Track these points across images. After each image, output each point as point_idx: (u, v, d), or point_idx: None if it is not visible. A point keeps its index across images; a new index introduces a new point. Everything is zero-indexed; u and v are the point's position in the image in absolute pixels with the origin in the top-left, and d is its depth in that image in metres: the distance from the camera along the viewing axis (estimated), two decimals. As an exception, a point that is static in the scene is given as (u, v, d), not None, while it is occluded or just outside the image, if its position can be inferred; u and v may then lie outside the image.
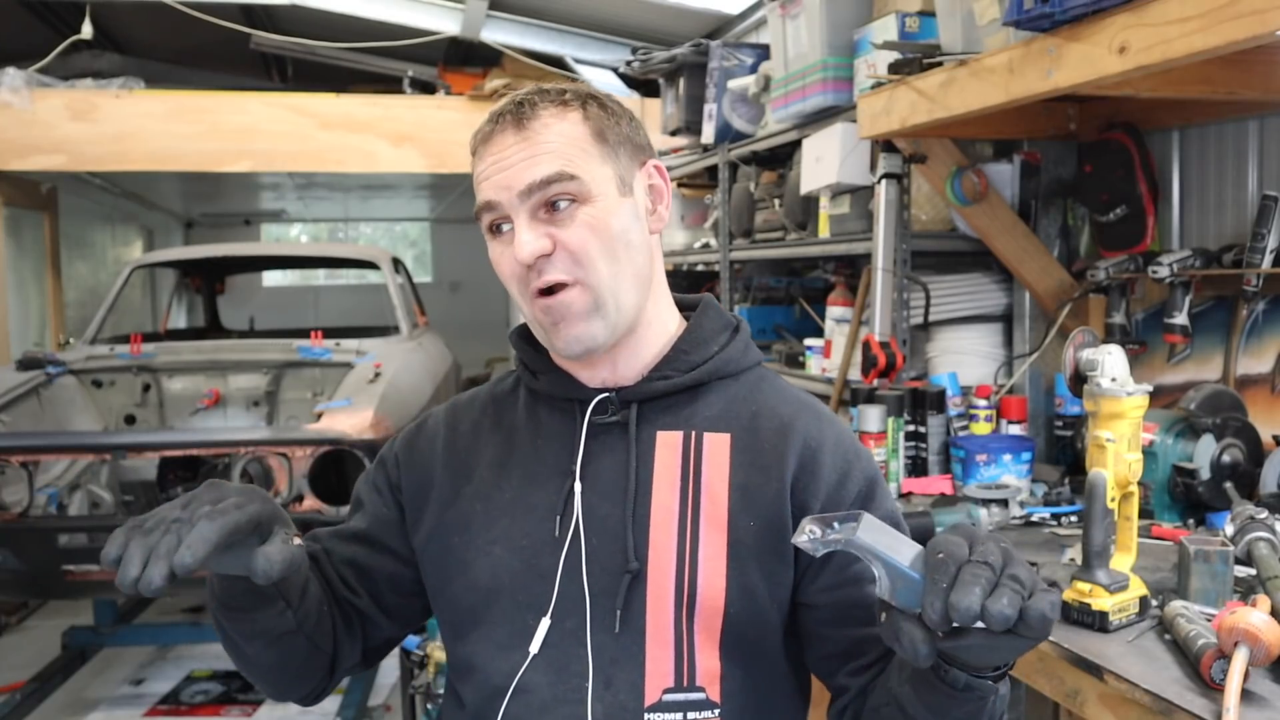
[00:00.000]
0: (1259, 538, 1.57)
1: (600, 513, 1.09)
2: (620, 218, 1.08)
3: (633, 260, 1.09)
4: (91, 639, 4.15)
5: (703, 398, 1.14)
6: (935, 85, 2.07)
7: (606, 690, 1.05)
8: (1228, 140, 2.26)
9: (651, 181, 1.14)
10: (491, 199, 1.07)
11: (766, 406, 1.14)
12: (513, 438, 1.17)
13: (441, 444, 1.20)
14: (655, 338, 1.15)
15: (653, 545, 1.07)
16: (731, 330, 1.19)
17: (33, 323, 6.27)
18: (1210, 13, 1.37)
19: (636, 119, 1.16)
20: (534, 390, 1.18)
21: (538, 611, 1.08)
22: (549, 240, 1.05)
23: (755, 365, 1.20)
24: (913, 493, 2.34)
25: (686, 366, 1.14)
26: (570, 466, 1.11)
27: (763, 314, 3.84)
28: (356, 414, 3.54)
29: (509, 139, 1.06)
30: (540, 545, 1.10)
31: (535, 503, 1.12)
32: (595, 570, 1.07)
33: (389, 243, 12.31)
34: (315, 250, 8.37)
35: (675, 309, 1.20)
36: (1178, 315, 2.17)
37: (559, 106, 1.08)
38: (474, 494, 1.15)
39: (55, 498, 3.80)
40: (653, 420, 1.12)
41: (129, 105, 5.33)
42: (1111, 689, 1.35)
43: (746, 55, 3.65)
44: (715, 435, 1.12)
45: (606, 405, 1.13)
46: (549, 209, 1.05)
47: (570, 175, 1.05)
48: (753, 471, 1.10)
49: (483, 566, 1.12)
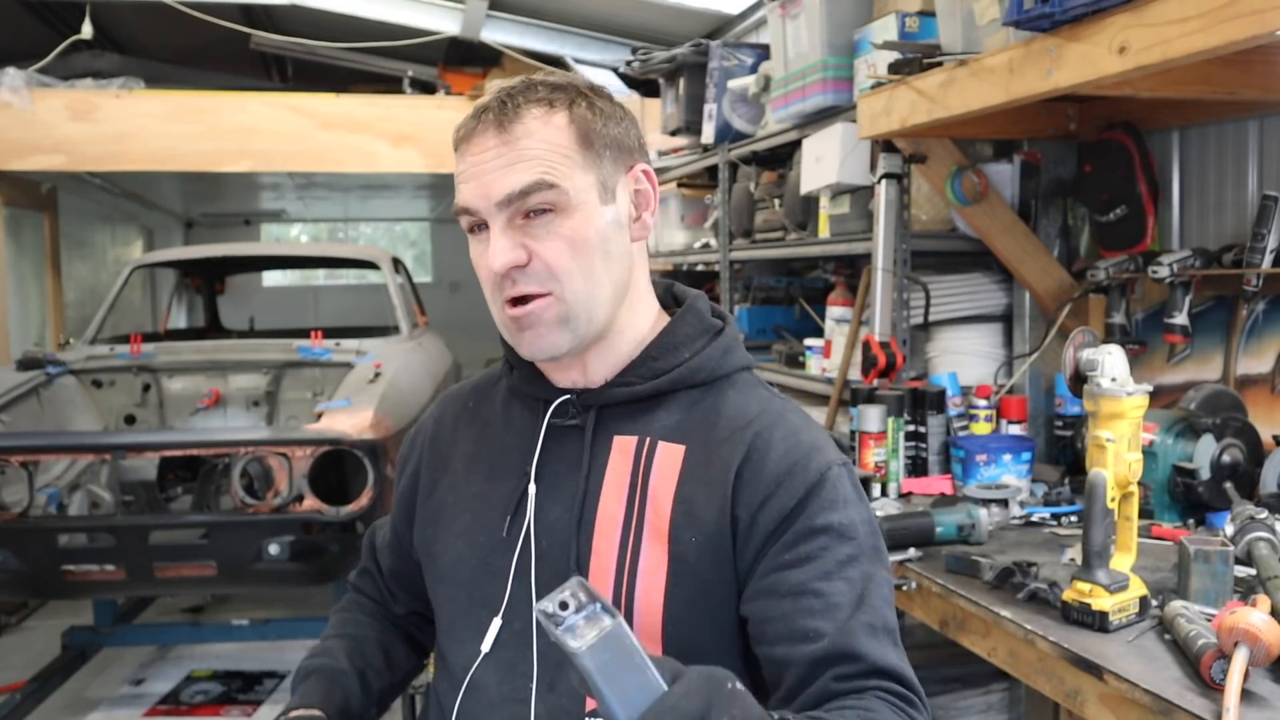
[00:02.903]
0: (1259, 538, 1.57)
1: (551, 515, 1.09)
2: (599, 228, 1.05)
3: (610, 271, 1.07)
4: (91, 639, 4.14)
5: (664, 405, 1.11)
6: (935, 85, 2.07)
7: (550, 693, 1.06)
8: (1228, 140, 2.26)
9: (638, 187, 1.11)
10: (469, 205, 1.05)
11: (727, 416, 1.09)
12: (486, 431, 1.18)
13: (427, 439, 1.24)
14: (626, 343, 1.12)
15: (595, 552, 1.06)
16: (711, 335, 1.14)
17: (33, 323, 6.26)
18: (1210, 13, 1.37)
19: (630, 117, 1.12)
20: (510, 385, 1.19)
21: (490, 610, 1.10)
22: (524, 251, 1.03)
23: (735, 371, 1.14)
24: (913, 493, 2.34)
25: (650, 374, 1.10)
26: (527, 466, 1.12)
27: (763, 314, 3.84)
28: (356, 414, 3.53)
29: (489, 140, 1.04)
30: (494, 543, 1.11)
31: (494, 499, 1.13)
32: (544, 573, 1.08)
33: (389, 243, 12.30)
34: (315, 250, 8.37)
35: (655, 311, 1.16)
36: (1178, 315, 2.17)
37: (544, 107, 1.05)
38: (448, 485, 1.18)
39: (55, 498, 3.80)
40: (611, 424, 1.11)
41: (129, 105, 5.33)
42: (1111, 689, 1.35)
43: (746, 55, 3.65)
44: (669, 445, 1.08)
45: (567, 407, 1.11)
46: (526, 216, 1.03)
47: (550, 184, 1.02)
48: (699, 486, 1.06)
49: (447, 560, 1.15)
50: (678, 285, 1.21)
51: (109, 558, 3.36)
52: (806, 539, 1.02)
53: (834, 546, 1.02)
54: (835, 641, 0.98)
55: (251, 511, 3.31)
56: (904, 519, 1.99)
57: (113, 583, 3.45)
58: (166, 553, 3.40)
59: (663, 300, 1.19)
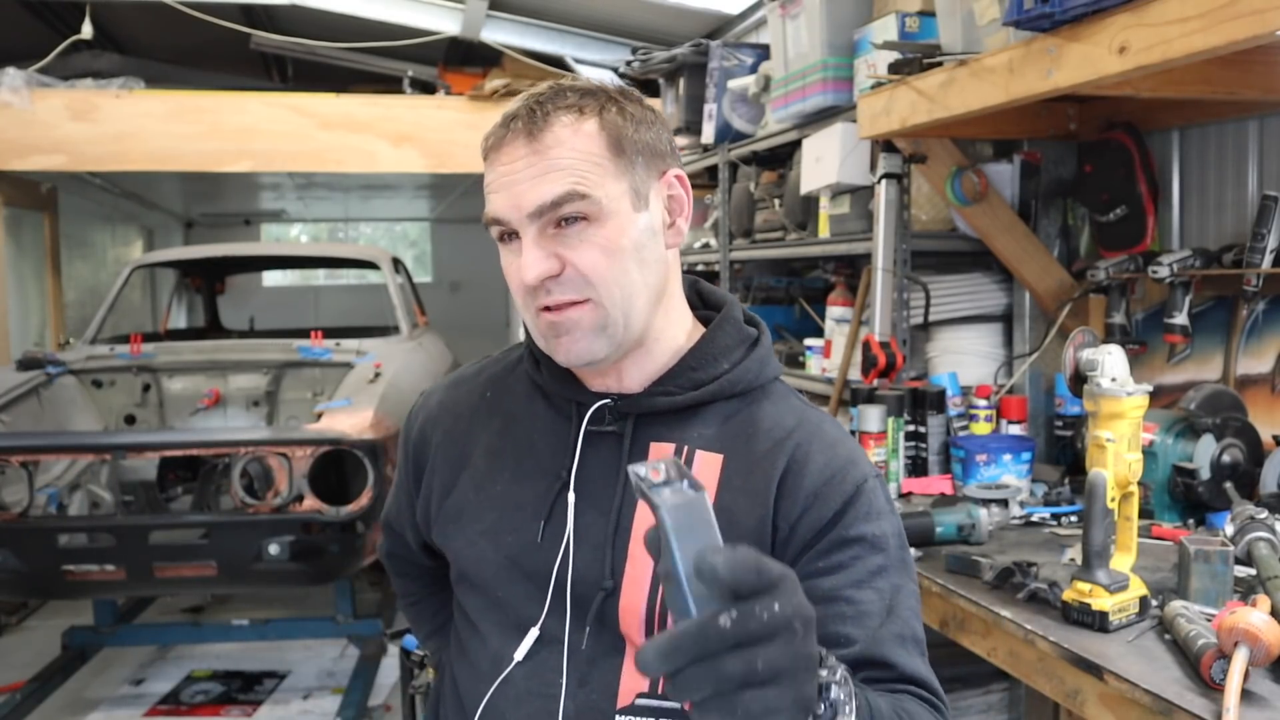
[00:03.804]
0: (1259, 538, 1.57)
1: (586, 520, 1.08)
2: (633, 235, 1.04)
3: (646, 278, 1.05)
4: (91, 639, 4.15)
5: (702, 415, 1.10)
6: (935, 85, 2.07)
7: (580, 689, 1.06)
8: (1228, 140, 2.26)
9: (671, 192, 1.09)
10: (500, 215, 1.03)
11: (764, 428, 1.08)
12: (510, 426, 1.16)
13: (442, 430, 1.21)
14: (663, 351, 1.11)
15: (631, 560, 1.06)
16: (749, 345, 1.13)
17: (33, 323, 6.26)
18: (1210, 13, 1.37)
19: (661, 120, 1.10)
20: (537, 380, 1.16)
21: (524, 616, 1.09)
22: (557, 261, 1.01)
23: (770, 381, 1.13)
24: (913, 493, 2.34)
25: (691, 384, 1.09)
26: (561, 470, 1.10)
27: (763, 314, 3.75)
28: (356, 414, 3.54)
29: (519, 150, 1.02)
30: (525, 545, 1.10)
31: (524, 500, 1.11)
32: (579, 580, 1.07)
33: (389, 243, 12.30)
34: (315, 250, 8.36)
35: (689, 318, 1.15)
36: (1178, 315, 2.17)
37: (575, 115, 1.03)
38: (469, 481, 1.16)
39: (55, 498, 3.80)
40: (648, 432, 1.10)
41: (129, 105, 5.33)
42: (1111, 689, 1.35)
43: (746, 55, 3.65)
44: (707, 454, 1.07)
45: (603, 413, 1.10)
46: (559, 225, 1.02)
47: (582, 194, 1.00)
48: (739, 496, 1.05)
49: (470, 557, 1.13)
50: (702, 283, 1.20)
51: (109, 558, 3.36)
52: (840, 548, 1.03)
53: (866, 556, 1.03)
54: (865, 649, 0.99)
55: (251, 511, 3.32)
56: (904, 519, 1.99)
57: (113, 583, 3.45)
58: (166, 553, 3.41)
59: (689, 299, 1.17)
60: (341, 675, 4.16)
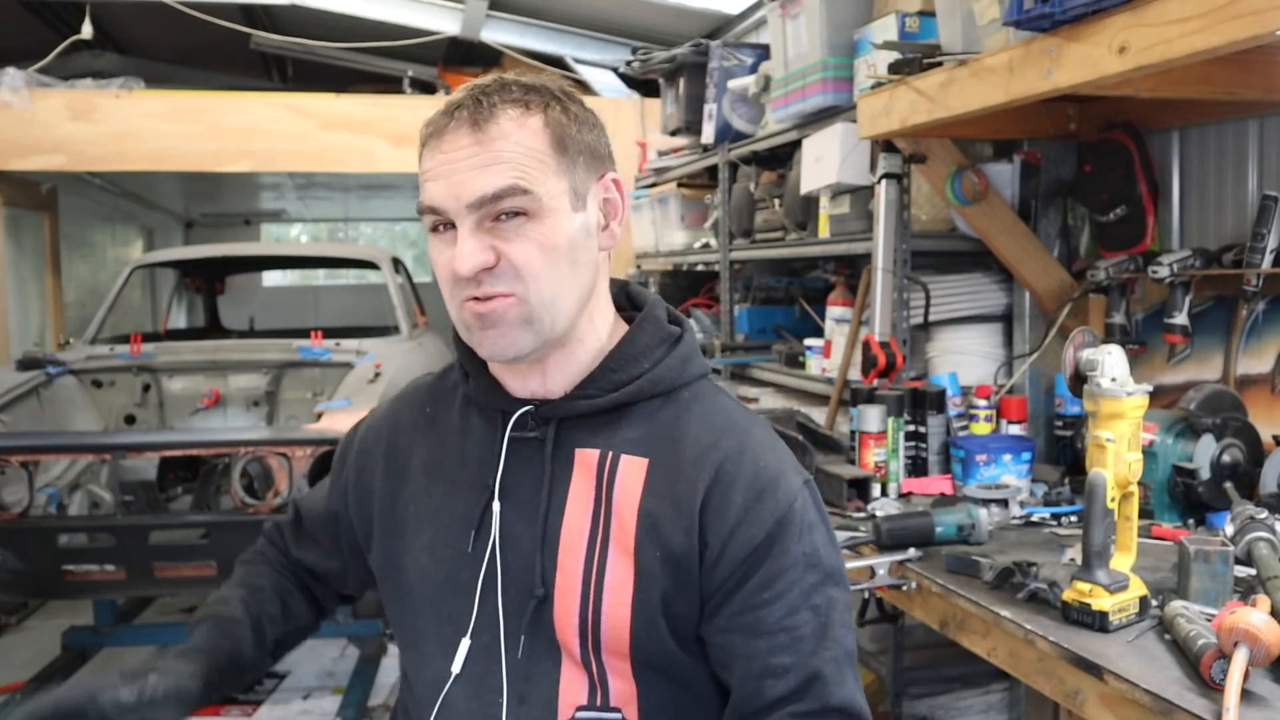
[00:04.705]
0: (1259, 538, 1.57)
1: (515, 530, 1.08)
2: (569, 234, 1.04)
3: (577, 278, 1.05)
4: (91, 639, 4.14)
5: (626, 418, 1.09)
6: (935, 85, 2.07)
7: (521, 706, 1.06)
8: (1228, 140, 2.26)
9: (608, 195, 1.10)
10: (437, 204, 1.02)
11: (691, 433, 1.08)
12: (444, 440, 1.16)
13: (384, 444, 1.21)
14: (585, 352, 1.10)
15: (561, 568, 1.06)
16: (670, 343, 1.13)
17: (33, 323, 6.26)
18: (1210, 13, 1.37)
19: (601, 125, 1.11)
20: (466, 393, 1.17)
21: (458, 629, 1.09)
22: (492, 254, 1.01)
23: (695, 380, 1.13)
24: (913, 492, 2.34)
25: (610, 386, 1.09)
26: (489, 480, 1.10)
27: (763, 314, 3.83)
28: (356, 414, 3.52)
29: (463, 139, 1.01)
30: (459, 558, 1.10)
31: (456, 513, 1.11)
32: (510, 590, 1.07)
33: (389, 243, 12.30)
34: (315, 250, 8.35)
35: (614, 318, 1.15)
36: (1178, 315, 2.17)
37: (521, 109, 1.02)
38: (409, 496, 1.16)
39: (55, 498, 3.80)
40: (572, 437, 1.09)
41: (129, 105, 5.33)
42: (1111, 689, 1.35)
43: (746, 55, 3.65)
44: (632, 458, 1.07)
45: (526, 420, 1.10)
46: (496, 218, 1.01)
47: (524, 189, 1.00)
48: (664, 502, 1.05)
49: (411, 575, 1.13)
50: (632, 285, 1.20)
51: (109, 558, 3.36)
52: (780, 576, 1.04)
53: (802, 577, 1.04)
54: (799, 676, 1.02)
55: (251, 511, 3.31)
56: (904, 519, 1.99)
57: (113, 583, 3.44)
58: (167, 553, 3.40)
59: (617, 301, 1.17)
60: (341, 675, 4.15)
